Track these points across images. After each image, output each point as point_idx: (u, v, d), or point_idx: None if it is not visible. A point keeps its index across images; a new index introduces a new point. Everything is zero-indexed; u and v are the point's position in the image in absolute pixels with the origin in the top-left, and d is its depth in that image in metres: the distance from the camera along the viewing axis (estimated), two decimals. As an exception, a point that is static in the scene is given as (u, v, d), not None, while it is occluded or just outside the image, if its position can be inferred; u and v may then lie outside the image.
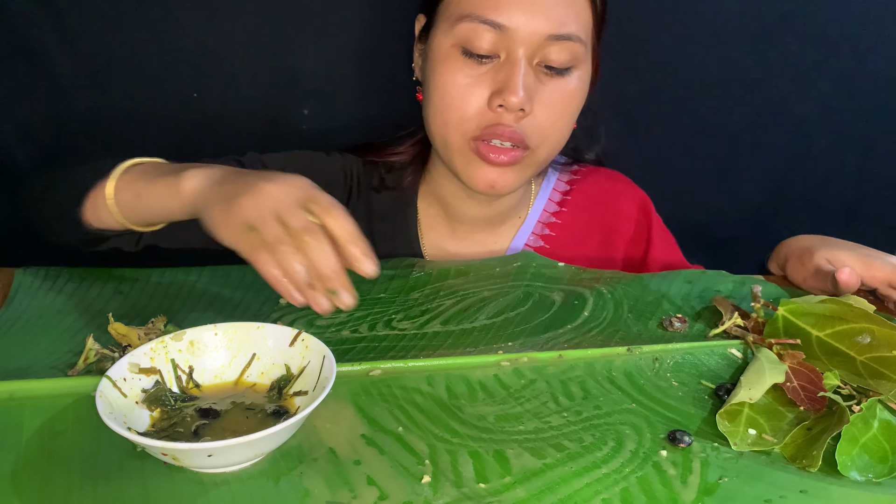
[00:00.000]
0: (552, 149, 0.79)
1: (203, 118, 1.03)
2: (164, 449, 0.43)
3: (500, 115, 0.73)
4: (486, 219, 0.88)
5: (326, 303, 0.54)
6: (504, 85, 0.72)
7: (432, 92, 0.77)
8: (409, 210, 0.90)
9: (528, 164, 0.78)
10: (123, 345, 0.60)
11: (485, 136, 0.74)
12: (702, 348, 0.64)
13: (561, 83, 0.75)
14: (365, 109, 1.07)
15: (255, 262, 0.54)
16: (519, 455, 0.49)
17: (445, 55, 0.75)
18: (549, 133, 0.76)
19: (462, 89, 0.74)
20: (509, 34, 0.72)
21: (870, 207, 1.17)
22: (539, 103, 0.74)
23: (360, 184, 0.90)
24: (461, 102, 0.74)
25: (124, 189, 0.66)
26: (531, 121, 0.74)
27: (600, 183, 0.95)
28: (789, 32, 1.06)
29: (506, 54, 0.73)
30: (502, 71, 0.73)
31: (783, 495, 0.46)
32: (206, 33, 1.00)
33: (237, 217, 0.55)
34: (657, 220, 0.95)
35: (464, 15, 0.73)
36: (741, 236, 1.17)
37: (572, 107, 0.77)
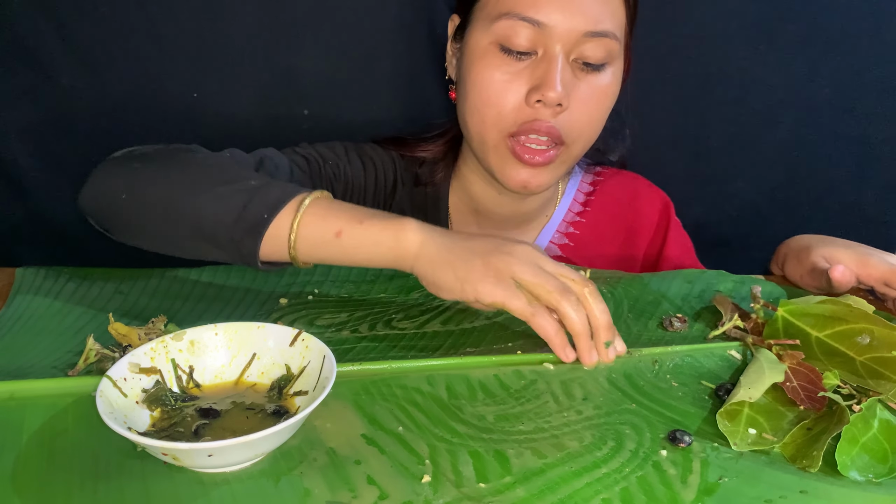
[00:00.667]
0: (585, 145, 0.79)
1: (203, 118, 1.03)
2: (165, 449, 0.43)
3: (538, 111, 0.74)
4: (514, 216, 0.90)
5: (596, 356, 0.61)
6: (542, 81, 0.73)
7: (470, 89, 0.78)
8: (441, 205, 0.91)
9: (562, 162, 0.78)
10: (124, 345, 0.60)
11: (522, 132, 0.75)
12: (701, 350, 0.64)
13: (596, 79, 0.76)
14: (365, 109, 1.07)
15: (531, 317, 0.59)
16: (519, 455, 0.49)
17: (483, 52, 0.76)
18: (585, 129, 0.77)
19: (500, 86, 0.75)
20: (547, 31, 0.72)
21: (870, 207, 1.17)
22: (575, 99, 0.75)
23: (403, 176, 0.91)
24: (499, 99, 0.75)
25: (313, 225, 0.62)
26: (568, 116, 0.75)
27: (623, 184, 0.96)
28: (789, 32, 1.06)
29: (543, 51, 0.74)
30: (540, 67, 0.73)
31: (783, 495, 0.46)
32: (206, 33, 0.99)
33: (504, 272, 0.59)
34: (675, 222, 0.97)
35: (502, 13, 0.74)
36: (741, 236, 1.17)
37: (606, 102, 0.78)
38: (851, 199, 1.16)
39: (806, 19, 1.06)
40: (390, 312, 0.70)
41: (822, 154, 1.13)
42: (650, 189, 0.97)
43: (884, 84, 1.10)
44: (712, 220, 1.16)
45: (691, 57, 1.08)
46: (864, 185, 1.16)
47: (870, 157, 1.14)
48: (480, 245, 0.61)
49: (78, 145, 1.03)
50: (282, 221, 0.62)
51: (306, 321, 0.68)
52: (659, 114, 1.11)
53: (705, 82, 1.10)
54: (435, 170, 0.90)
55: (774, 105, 1.11)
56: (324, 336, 0.61)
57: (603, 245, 0.92)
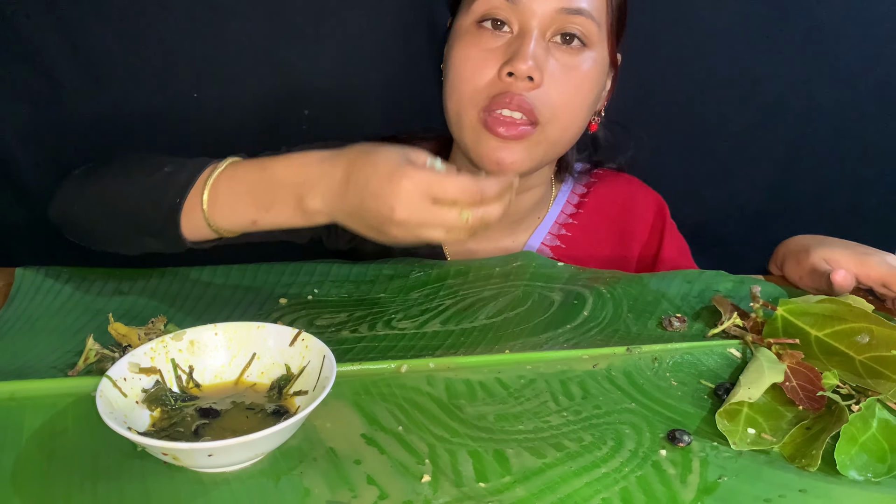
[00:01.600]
0: (564, 130, 0.79)
1: (203, 118, 1.03)
2: (165, 449, 0.43)
3: (510, 84, 0.74)
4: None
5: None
6: (514, 54, 0.73)
7: (449, 70, 0.79)
8: None
9: (538, 142, 0.78)
10: (123, 345, 0.60)
11: (493, 105, 0.75)
12: (701, 348, 0.64)
13: (573, 59, 0.76)
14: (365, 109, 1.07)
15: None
16: (518, 454, 0.49)
17: (464, 32, 0.77)
18: (560, 110, 0.76)
19: (476, 62, 0.76)
20: (522, 6, 0.74)
21: (870, 207, 1.17)
22: (550, 77, 0.75)
23: None
24: (473, 75, 0.76)
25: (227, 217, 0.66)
26: (541, 94, 0.75)
27: (617, 186, 0.96)
28: (789, 32, 1.06)
29: (518, 27, 0.75)
30: (514, 43, 0.74)
31: (782, 494, 0.46)
32: (206, 33, 1.00)
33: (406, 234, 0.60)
34: (671, 224, 0.96)
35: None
36: (741, 236, 1.17)
37: (585, 87, 0.78)
38: (851, 199, 1.17)
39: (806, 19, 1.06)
40: (390, 312, 0.70)
41: (822, 154, 1.13)
42: (644, 190, 0.97)
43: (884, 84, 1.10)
44: (712, 220, 1.16)
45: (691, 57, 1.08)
46: (864, 185, 1.16)
47: (870, 157, 1.14)
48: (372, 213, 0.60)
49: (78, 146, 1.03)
50: (193, 203, 0.66)
51: (306, 321, 0.68)
52: (659, 114, 1.11)
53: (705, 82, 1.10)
54: None
55: (774, 105, 1.11)
56: (324, 336, 0.61)
57: (595, 247, 0.92)
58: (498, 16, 0.75)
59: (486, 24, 0.76)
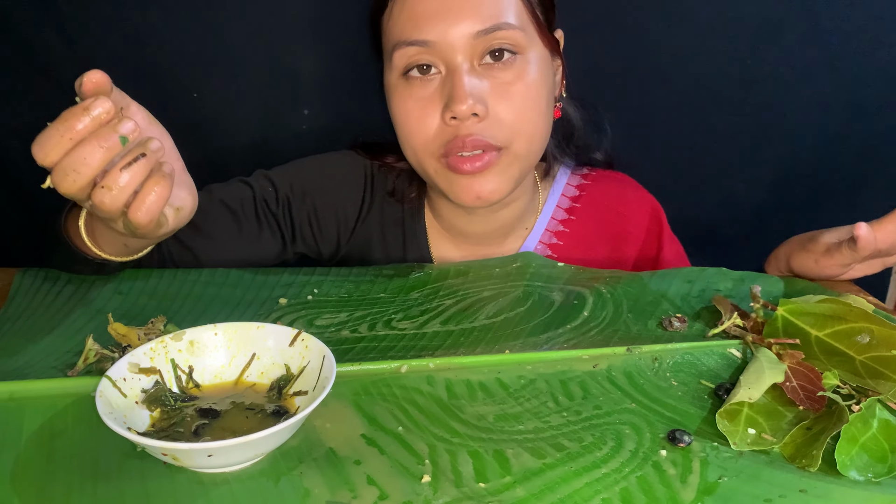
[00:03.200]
0: (529, 141, 0.77)
1: (203, 118, 1.03)
2: (164, 449, 0.43)
3: (457, 128, 0.73)
4: (488, 233, 0.88)
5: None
6: (450, 96, 0.72)
7: (396, 126, 0.79)
8: (418, 221, 0.90)
9: (509, 164, 0.77)
10: (123, 345, 0.60)
11: (450, 152, 0.74)
12: (701, 348, 0.64)
13: (509, 73, 0.74)
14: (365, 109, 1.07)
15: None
16: (518, 455, 0.49)
17: (394, 87, 0.77)
18: (518, 125, 0.75)
19: (416, 113, 0.75)
20: (438, 47, 0.73)
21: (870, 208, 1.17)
22: (495, 100, 0.74)
23: (375, 187, 0.90)
24: (419, 126, 0.75)
25: (107, 244, 0.68)
26: (492, 122, 0.74)
27: (610, 189, 0.94)
28: (789, 32, 1.06)
29: (444, 66, 0.74)
30: (447, 85, 0.73)
31: (783, 495, 0.46)
32: (206, 33, 1.00)
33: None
34: (667, 229, 0.95)
35: (393, 45, 0.75)
36: (741, 236, 1.17)
37: (532, 93, 0.76)
38: (851, 199, 1.17)
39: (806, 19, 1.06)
40: (390, 312, 0.70)
41: (822, 154, 1.13)
42: (637, 191, 0.95)
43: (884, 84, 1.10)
44: (712, 219, 1.16)
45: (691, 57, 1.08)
46: (864, 185, 1.16)
47: (870, 157, 1.14)
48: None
49: (78, 145, 1.03)
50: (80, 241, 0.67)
51: (306, 321, 0.68)
52: (659, 113, 1.11)
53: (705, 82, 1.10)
54: (410, 187, 0.89)
55: (774, 105, 1.11)
56: (323, 336, 0.61)
57: (588, 252, 0.90)
58: (420, 62, 0.74)
59: (412, 72, 0.75)
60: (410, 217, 0.90)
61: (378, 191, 0.90)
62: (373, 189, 0.90)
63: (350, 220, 0.89)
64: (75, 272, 0.73)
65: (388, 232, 0.89)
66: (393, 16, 0.76)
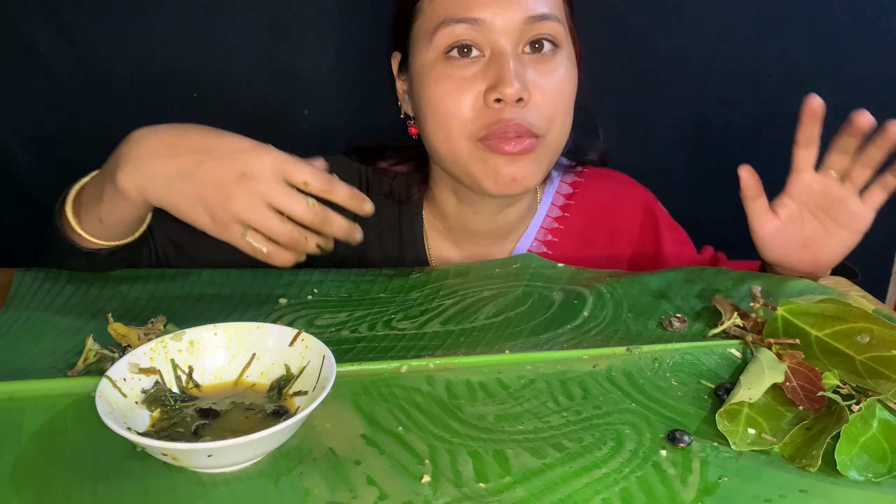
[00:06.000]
0: (560, 134, 0.78)
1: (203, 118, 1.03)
2: (164, 449, 0.43)
3: (500, 111, 0.72)
4: (490, 232, 0.88)
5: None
6: (497, 79, 0.72)
7: (426, 108, 0.77)
8: (416, 222, 0.90)
9: (544, 153, 0.77)
10: (123, 345, 0.60)
11: (492, 136, 0.74)
12: (701, 348, 0.64)
13: (550, 65, 0.75)
14: (365, 109, 1.07)
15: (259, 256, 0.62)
16: (518, 455, 0.49)
17: (431, 67, 0.75)
18: (554, 116, 0.76)
19: (455, 94, 0.74)
20: (487, 27, 0.72)
21: (869, 207, 1.17)
22: (535, 90, 0.74)
23: (371, 189, 0.90)
24: (457, 108, 0.74)
25: (87, 222, 0.68)
26: (532, 109, 0.74)
27: (603, 185, 0.94)
28: (789, 32, 1.06)
29: (490, 50, 0.74)
30: (492, 67, 0.73)
31: (783, 495, 0.46)
32: (206, 33, 1.00)
33: (227, 215, 0.60)
34: (664, 216, 0.94)
35: (439, 23, 0.74)
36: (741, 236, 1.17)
37: (567, 88, 0.77)
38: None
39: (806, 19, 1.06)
40: (390, 312, 0.70)
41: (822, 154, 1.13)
42: (631, 187, 0.95)
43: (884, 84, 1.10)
44: (712, 220, 1.16)
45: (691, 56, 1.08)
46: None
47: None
48: (215, 171, 0.60)
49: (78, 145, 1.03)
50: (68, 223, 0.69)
51: (306, 321, 0.68)
52: (659, 113, 1.11)
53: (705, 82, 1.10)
54: (409, 187, 0.89)
55: (774, 105, 1.11)
56: (323, 336, 0.61)
57: (583, 249, 0.90)
58: (465, 41, 0.73)
59: (453, 53, 0.74)
60: (408, 218, 0.90)
61: (374, 192, 0.90)
62: (368, 191, 0.90)
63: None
64: (69, 267, 0.73)
65: (386, 233, 0.89)
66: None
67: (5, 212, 1.06)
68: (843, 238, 0.78)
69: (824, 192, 0.77)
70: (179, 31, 0.99)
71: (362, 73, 1.04)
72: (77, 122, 1.01)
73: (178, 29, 0.98)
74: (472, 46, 0.74)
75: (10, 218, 1.06)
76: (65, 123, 1.01)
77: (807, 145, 0.79)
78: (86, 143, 1.02)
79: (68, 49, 0.97)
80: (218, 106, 1.03)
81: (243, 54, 1.01)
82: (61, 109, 1.01)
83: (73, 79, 0.99)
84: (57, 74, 0.98)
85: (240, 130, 1.05)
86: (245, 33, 1.00)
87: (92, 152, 1.03)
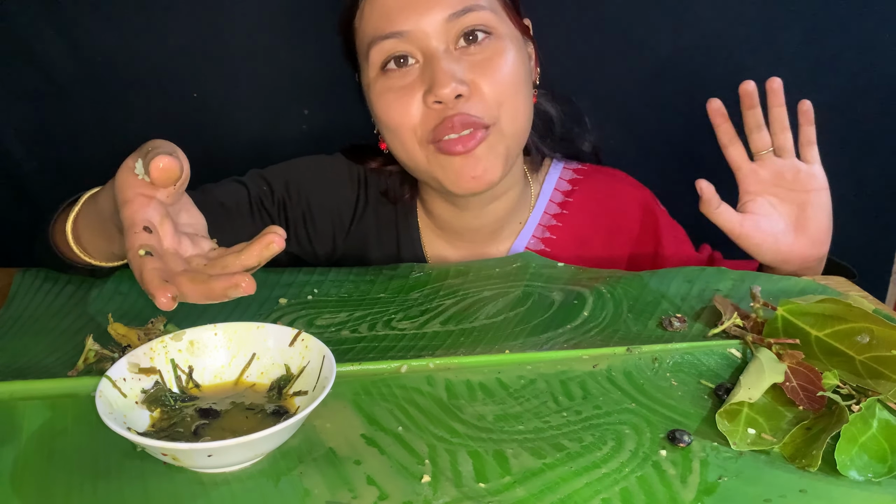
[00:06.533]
0: (514, 118, 0.77)
1: (203, 118, 1.03)
2: (164, 449, 0.43)
3: (443, 110, 0.73)
4: (483, 229, 0.88)
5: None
6: (432, 81, 0.73)
7: (379, 123, 0.79)
8: (411, 221, 0.90)
9: (498, 142, 0.77)
10: (123, 345, 0.60)
11: (439, 135, 0.74)
12: (701, 348, 0.64)
13: (486, 50, 0.75)
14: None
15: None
16: (518, 455, 0.49)
17: (372, 84, 0.77)
18: (501, 100, 0.75)
19: (398, 104, 0.75)
20: (413, 36, 0.74)
21: (869, 207, 1.17)
22: (474, 77, 0.74)
23: (369, 187, 0.90)
24: (402, 117, 0.75)
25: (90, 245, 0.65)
26: (476, 98, 0.74)
27: (602, 183, 0.94)
28: (789, 33, 1.06)
29: (421, 55, 0.75)
30: (426, 71, 0.74)
31: (783, 495, 0.46)
32: (206, 33, 1.00)
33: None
34: (663, 215, 0.94)
35: (368, 43, 0.76)
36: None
37: (511, 69, 0.76)
38: (851, 199, 1.16)
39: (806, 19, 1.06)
40: (390, 312, 0.70)
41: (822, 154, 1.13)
42: (630, 185, 0.95)
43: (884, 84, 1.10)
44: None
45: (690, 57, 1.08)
46: (864, 186, 1.16)
47: (869, 156, 1.14)
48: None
49: (78, 146, 1.03)
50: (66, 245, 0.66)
51: (306, 321, 0.68)
52: (659, 114, 1.11)
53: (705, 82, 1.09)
54: (403, 187, 0.89)
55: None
56: (323, 336, 0.61)
57: (582, 248, 0.90)
58: (397, 53, 0.74)
59: (390, 65, 0.75)
60: (403, 217, 0.90)
61: (372, 191, 0.90)
62: (366, 189, 0.90)
63: (345, 219, 0.89)
64: (70, 273, 0.73)
65: (383, 232, 0.89)
66: (364, 16, 0.77)
67: (5, 212, 1.06)
68: (816, 200, 0.81)
69: (771, 172, 0.81)
70: (179, 32, 0.99)
71: (362, 73, 1.04)
72: (77, 122, 1.01)
73: (178, 29, 0.98)
74: (405, 56, 0.75)
75: (10, 218, 1.06)
76: (65, 123, 1.01)
77: (730, 143, 0.83)
78: (86, 143, 1.02)
79: (68, 49, 0.97)
80: (218, 106, 1.03)
81: (243, 54, 1.01)
82: (61, 109, 1.01)
83: (73, 79, 0.99)
84: (57, 74, 0.98)
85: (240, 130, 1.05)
86: (245, 33, 1.00)
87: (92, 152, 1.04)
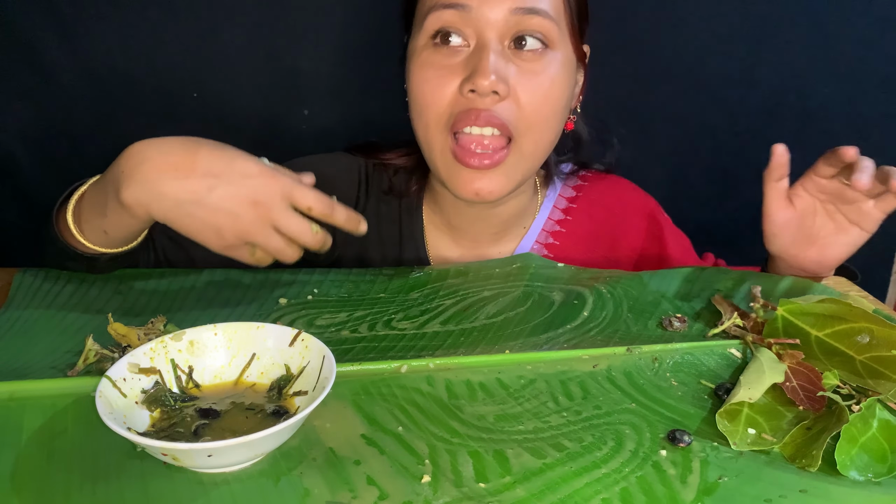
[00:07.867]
0: (538, 140, 0.76)
1: (203, 118, 1.03)
2: (164, 449, 0.43)
3: (473, 101, 0.72)
4: (487, 229, 0.88)
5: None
6: (474, 69, 0.71)
7: (410, 94, 0.78)
8: (415, 217, 0.89)
9: (515, 164, 0.76)
10: (123, 345, 0.60)
11: (459, 123, 0.73)
12: (701, 348, 0.64)
13: (536, 64, 0.74)
14: (365, 109, 1.07)
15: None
16: (518, 455, 0.49)
17: (418, 52, 0.76)
18: (533, 119, 0.74)
19: (434, 82, 0.74)
20: (473, 15, 0.72)
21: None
22: (515, 86, 0.73)
23: (370, 185, 0.90)
24: (434, 96, 0.74)
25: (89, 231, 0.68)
26: (509, 105, 0.73)
27: (607, 191, 0.93)
28: (789, 32, 1.06)
29: (475, 40, 0.73)
30: (472, 58, 0.73)
31: (783, 495, 0.46)
32: (206, 33, 1.00)
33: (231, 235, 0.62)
34: (668, 224, 0.94)
35: (429, 7, 0.74)
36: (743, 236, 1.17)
37: (554, 91, 0.75)
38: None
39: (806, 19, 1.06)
40: (390, 312, 0.70)
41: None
42: (634, 192, 0.95)
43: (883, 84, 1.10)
44: (714, 220, 1.17)
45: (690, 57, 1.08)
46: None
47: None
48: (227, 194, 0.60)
49: (78, 146, 1.03)
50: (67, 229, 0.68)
51: (306, 321, 0.68)
52: (660, 114, 1.11)
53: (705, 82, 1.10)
54: (409, 181, 0.89)
55: (775, 105, 1.11)
56: (323, 336, 0.61)
57: (585, 253, 0.90)
58: (451, 28, 0.73)
59: (438, 40, 0.74)
60: (407, 214, 0.89)
61: (373, 189, 0.90)
62: (367, 188, 0.89)
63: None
64: (68, 269, 0.73)
65: (385, 230, 0.89)
66: None
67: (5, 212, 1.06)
68: (853, 236, 0.78)
69: (838, 190, 0.77)
70: (179, 32, 0.99)
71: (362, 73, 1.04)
72: (77, 122, 1.01)
73: (178, 29, 0.98)
74: (456, 34, 0.73)
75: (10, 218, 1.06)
76: (65, 123, 1.01)
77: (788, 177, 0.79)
78: (86, 144, 1.02)
79: (68, 49, 0.97)
80: (218, 106, 1.03)
81: (243, 54, 1.01)
82: (61, 109, 1.01)
83: (73, 79, 0.99)
84: (57, 74, 0.98)
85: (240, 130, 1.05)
86: (245, 33, 1.00)
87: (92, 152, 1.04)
